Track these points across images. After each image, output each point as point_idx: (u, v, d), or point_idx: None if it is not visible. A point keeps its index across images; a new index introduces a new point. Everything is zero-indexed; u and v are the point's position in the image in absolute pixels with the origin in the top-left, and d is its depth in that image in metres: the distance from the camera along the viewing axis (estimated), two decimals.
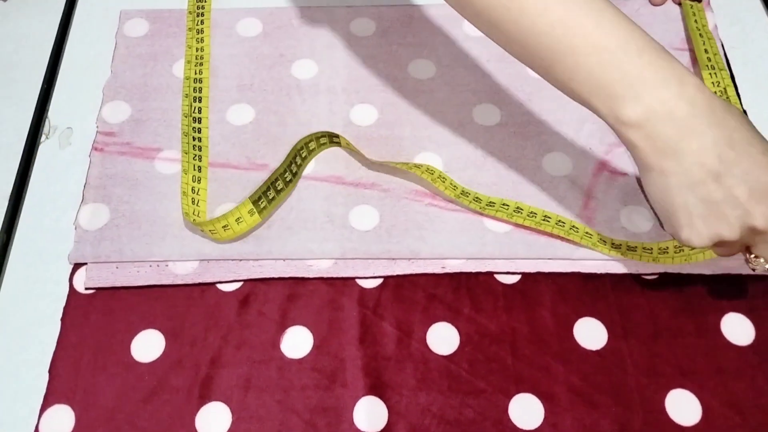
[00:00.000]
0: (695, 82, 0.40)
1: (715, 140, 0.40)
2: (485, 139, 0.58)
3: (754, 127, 0.42)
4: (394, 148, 0.58)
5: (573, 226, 0.52)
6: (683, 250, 0.51)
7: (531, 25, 0.41)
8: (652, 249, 0.51)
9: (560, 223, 0.52)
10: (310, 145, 0.56)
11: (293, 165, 0.54)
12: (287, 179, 0.54)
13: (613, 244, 0.52)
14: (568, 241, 0.52)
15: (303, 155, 0.55)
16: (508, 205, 0.53)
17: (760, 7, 0.67)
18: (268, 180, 0.53)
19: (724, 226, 0.41)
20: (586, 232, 0.52)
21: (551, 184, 0.56)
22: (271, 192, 0.53)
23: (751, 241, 0.43)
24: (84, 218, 0.54)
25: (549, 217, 0.52)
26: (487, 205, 0.53)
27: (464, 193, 0.54)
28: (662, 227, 0.45)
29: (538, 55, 0.43)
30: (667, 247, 0.51)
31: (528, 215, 0.52)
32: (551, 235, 0.52)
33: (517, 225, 0.53)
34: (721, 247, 0.44)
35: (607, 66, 0.40)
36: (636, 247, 0.51)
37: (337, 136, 0.56)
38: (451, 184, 0.54)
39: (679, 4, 0.66)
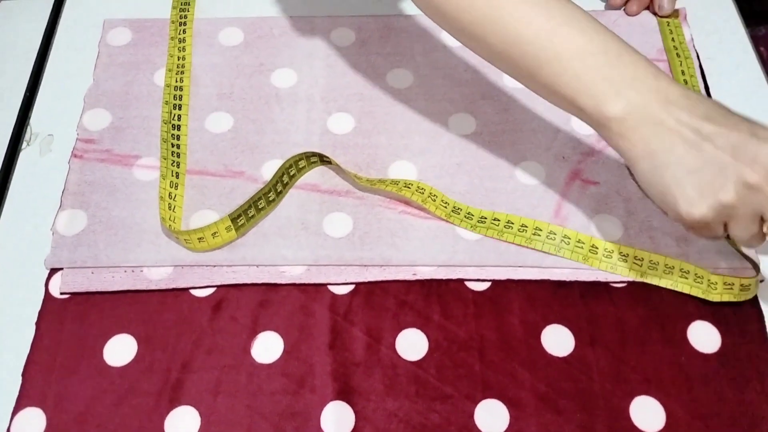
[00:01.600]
0: (667, 76, 0.44)
1: (690, 116, 0.42)
2: (460, 148, 0.59)
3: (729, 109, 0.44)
4: (370, 156, 0.58)
5: (565, 236, 0.53)
6: (689, 273, 0.51)
7: (516, 36, 0.45)
8: (658, 263, 0.52)
9: (551, 235, 0.53)
10: (299, 163, 0.56)
11: (279, 184, 0.55)
12: (270, 198, 0.54)
13: (605, 251, 0.52)
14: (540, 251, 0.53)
15: (291, 173, 0.56)
16: (498, 220, 0.53)
17: (737, 18, 0.67)
18: (251, 199, 0.53)
19: (718, 190, 0.42)
20: (579, 241, 0.53)
21: (524, 192, 0.56)
22: (252, 211, 0.53)
23: (753, 204, 0.43)
24: (61, 224, 0.55)
25: (540, 230, 0.53)
26: (478, 221, 0.54)
27: (455, 210, 0.54)
28: (666, 215, 0.46)
29: (523, 64, 0.46)
30: (674, 266, 0.52)
31: (519, 230, 0.53)
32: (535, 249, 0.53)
33: (506, 242, 0.53)
34: (732, 221, 0.44)
35: (591, 68, 0.44)
36: (642, 259, 0.52)
37: (327, 156, 0.56)
38: (442, 201, 0.54)
39: (655, 14, 0.66)
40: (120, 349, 0.50)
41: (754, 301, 0.51)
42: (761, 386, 0.48)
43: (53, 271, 0.53)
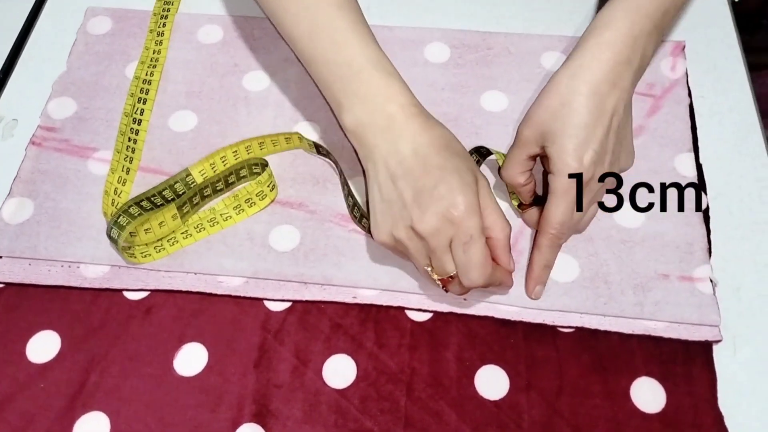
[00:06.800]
0: (403, 101, 0.47)
1: (397, 149, 0.45)
2: None
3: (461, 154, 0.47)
4: (329, 169, 0.56)
5: None
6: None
7: (289, 33, 0.50)
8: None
9: None
10: (264, 145, 0.56)
11: (232, 176, 0.54)
12: (218, 188, 0.54)
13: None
14: None
15: (256, 171, 0.55)
16: None
17: (739, 57, 0.64)
18: (197, 186, 0.53)
19: (394, 225, 0.46)
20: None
21: None
22: (197, 198, 0.52)
23: (422, 249, 0.46)
24: (8, 211, 0.54)
25: None
26: None
27: None
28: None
29: (300, 57, 0.51)
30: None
31: None
32: None
33: None
34: (410, 255, 0.47)
35: (334, 78, 0.48)
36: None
37: (289, 135, 0.56)
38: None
39: None
40: (43, 346, 0.49)
41: (708, 363, 0.48)
42: None
43: None
